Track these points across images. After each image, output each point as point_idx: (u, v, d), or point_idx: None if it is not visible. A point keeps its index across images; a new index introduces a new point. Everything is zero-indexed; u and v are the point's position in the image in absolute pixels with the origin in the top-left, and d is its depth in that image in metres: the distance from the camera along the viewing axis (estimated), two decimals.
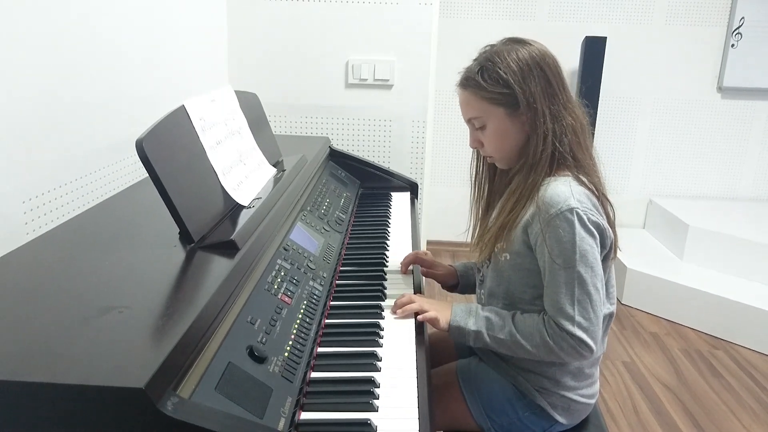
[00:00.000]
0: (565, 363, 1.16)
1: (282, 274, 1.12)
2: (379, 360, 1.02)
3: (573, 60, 3.34)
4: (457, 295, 1.48)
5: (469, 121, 1.20)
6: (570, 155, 1.14)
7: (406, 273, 1.40)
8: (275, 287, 1.06)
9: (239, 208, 1.20)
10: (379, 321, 1.15)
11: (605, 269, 1.13)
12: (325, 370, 0.99)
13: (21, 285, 0.90)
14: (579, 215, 1.07)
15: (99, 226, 1.16)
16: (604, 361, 2.50)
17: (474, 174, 1.31)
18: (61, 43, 1.26)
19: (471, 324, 1.15)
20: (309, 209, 1.50)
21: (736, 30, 3.36)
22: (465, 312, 1.17)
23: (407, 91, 2.31)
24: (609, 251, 1.13)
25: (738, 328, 2.73)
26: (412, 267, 1.41)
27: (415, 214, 1.87)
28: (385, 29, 2.25)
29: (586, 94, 2.97)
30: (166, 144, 1.04)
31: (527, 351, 1.11)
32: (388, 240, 1.62)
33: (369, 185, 2.03)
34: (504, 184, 1.25)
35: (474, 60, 1.18)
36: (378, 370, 0.99)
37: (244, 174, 1.30)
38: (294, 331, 1.00)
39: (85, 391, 0.64)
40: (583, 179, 1.14)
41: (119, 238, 1.10)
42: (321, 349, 1.05)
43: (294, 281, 1.13)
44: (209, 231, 1.08)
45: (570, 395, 1.19)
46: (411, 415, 0.88)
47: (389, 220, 1.76)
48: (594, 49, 3.26)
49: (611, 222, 1.14)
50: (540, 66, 1.12)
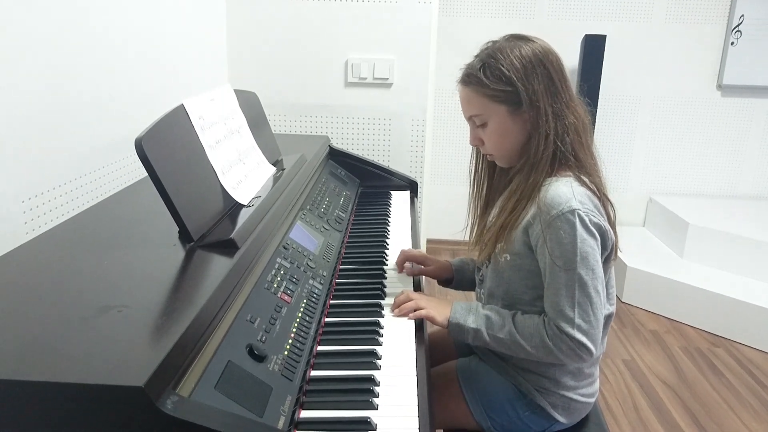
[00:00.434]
0: (565, 363, 1.16)
1: (282, 272, 1.12)
2: (379, 358, 1.02)
3: (573, 58, 3.33)
4: (457, 294, 1.47)
5: (470, 119, 1.18)
6: (572, 155, 1.12)
7: (401, 272, 1.39)
8: (275, 286, 1.06)
9: (239, 207, 1.20)
10: (379, 319, 1.15)
11: (606, 271, 1.12)
12: (325, 368, 0.99)
13: (20, 284, 0.90)
14: (580, 216, 1.05)
15: (98, 225, 1.16)
16: (604, 360, 2.50)
17: (473, 172, 1.30)
18: (60, 43, 1.26)
19: (471, 322, 1.14)
20: (308, 208, 1.50)
21: (735, 28, 3.35)
22: (465, 309, 1.16)
23: (407, 90, 2.31)
24: (610, 253, 1.12)
25: (738, 325, 2.73)
26: (409, 264, 1.40)
27: (415, 212, 1.87)
28: (385, 28, 2.25)
29: (585, 92, 2.96)
30: (165, 143, 1.04)
31: (526, 351, 1.10)
32: (387, 238, 1.61)
33: (368, 184, 2.03)
34: (503, 182, 1.24)
35: (476, 56, 1.16)
36: (378, 368, 0.99)
37: (243, 173, 1.30)
38: (294, 330, 1.00)
39: (85, 390, 0.64)
40: (585, 179, 1.12)
41: (118, 237, 1.10)
42: (321, 348, 1.05)
43: (294, 280, 1.13)
44: (209, 230, 1.08)
45: (570, 395, 1.18)
46: (411, 414, 0.88)
47: (389, 218, 1.76)
48: (594, 48, 3.26)
49: (612, 223, 1.12)
50: (543, 63, 1.10)
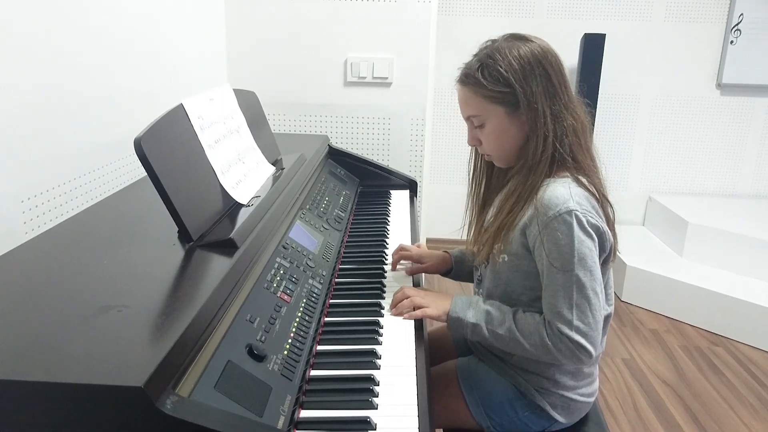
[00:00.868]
0: (563, 364, 1.15)
1: (281, 272, 1.12)
2: (379, 358, 1.02)
3: (572, 57, 3.33)
4: (457, 289, 1.48)
5: (468, 119, 1.18)
6: (570, 156, 1.11)
7: (395, 270, 1.39)
8: (274, 285, 1.06)
9: (238, 206, 1.20)
10: (379, 319, 1.15)
11: (604, 273, 1.11)
12: (325, 368, 0.98)
13: (19, 284, 0.90)
14: (578, 217, 1.04)
15: (97, 225, 1.16)
16: (603, 359, 2.51)
17: (471, 171, 1.29)
18: (60, 42, 1.26)
19: (470, 316, 1.13)
20: (308, 207, 1.50)
21: (735, 27, 3.35)
22: (465, 304, 1.16)
23: (406, 89, 2.31)
24: (608, 255, 1.11)
25: (737, 324, 2.74)
26: (406, 263, 1.40)
27: (415, 211, 1.87)
28: (384, 27, 2.25)
29: (585, 91, 2.96)
30: (164, 143, 1.04)
31: (525, 349, 1.09)
32: (387, 238, 1.61)
33: (368, 183, 2.03)
34: (501, 182, 1.23)
35: (474, 56, 1.15)
36: (377, 367, 0.99)
37: (242, 172, 1.30)
38: (293, 330, 1.00)
39: (84, 390, 0.64)
40: (583, 180, 1.11)
41: (118, 236, 1.10)
42: (320, 347, 1.05)
43: (293, 279, 1.13)
44: (208, 229, 1.07)
45: (569, 395, 1.18)
46: (410, 413, 0.88)
47: (388, 217, 1.76)
48: (593, 46, 3.26)
49: (611, 224, 1.12)
50: (542, 64, 1.09)
